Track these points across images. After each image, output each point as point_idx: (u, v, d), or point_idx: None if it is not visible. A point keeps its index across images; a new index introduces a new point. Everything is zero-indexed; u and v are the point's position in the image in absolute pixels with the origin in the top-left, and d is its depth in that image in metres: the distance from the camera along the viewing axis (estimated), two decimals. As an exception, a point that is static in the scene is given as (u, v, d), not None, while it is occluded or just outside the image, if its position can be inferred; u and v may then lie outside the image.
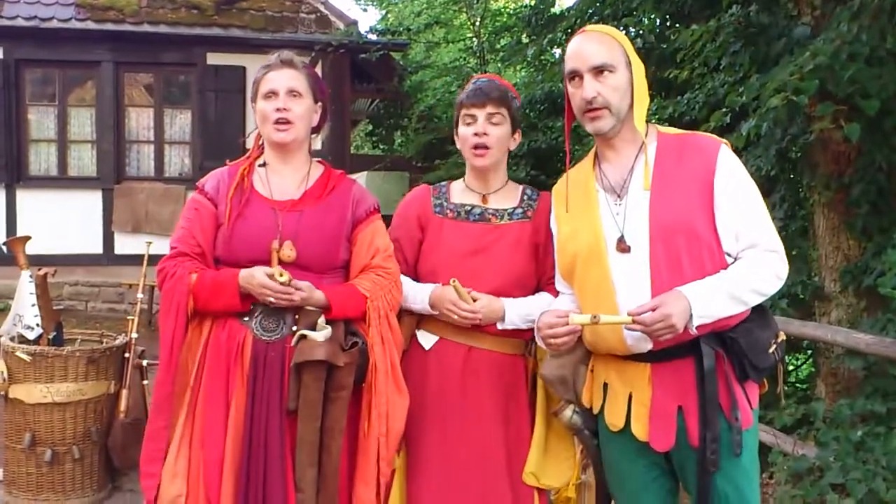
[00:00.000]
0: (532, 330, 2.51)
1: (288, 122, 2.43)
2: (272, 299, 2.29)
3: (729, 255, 2.08)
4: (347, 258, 2.49)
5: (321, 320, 2.33)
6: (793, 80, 4.14)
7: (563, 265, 2.29)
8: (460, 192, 2.65)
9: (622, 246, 2.09)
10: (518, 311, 2.50)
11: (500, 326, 2.50)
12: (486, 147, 2.54)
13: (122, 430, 4.03)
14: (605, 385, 2.22)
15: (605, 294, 2.11)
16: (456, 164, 10.55)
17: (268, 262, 2.34)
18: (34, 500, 3.98)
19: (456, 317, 2.46)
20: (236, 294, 2.32)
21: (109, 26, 9.87)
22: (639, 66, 2.17)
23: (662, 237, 2.05)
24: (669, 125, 6.79)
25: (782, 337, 2.18)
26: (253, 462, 2.30)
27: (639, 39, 7.19)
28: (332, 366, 2.29)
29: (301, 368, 2.29)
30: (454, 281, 2.44)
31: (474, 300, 2.46)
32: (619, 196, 2.15)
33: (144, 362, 4.20)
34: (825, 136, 4.99)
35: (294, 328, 2.34)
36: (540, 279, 2.58)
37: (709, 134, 2.23)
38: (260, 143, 2.58)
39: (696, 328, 1.99)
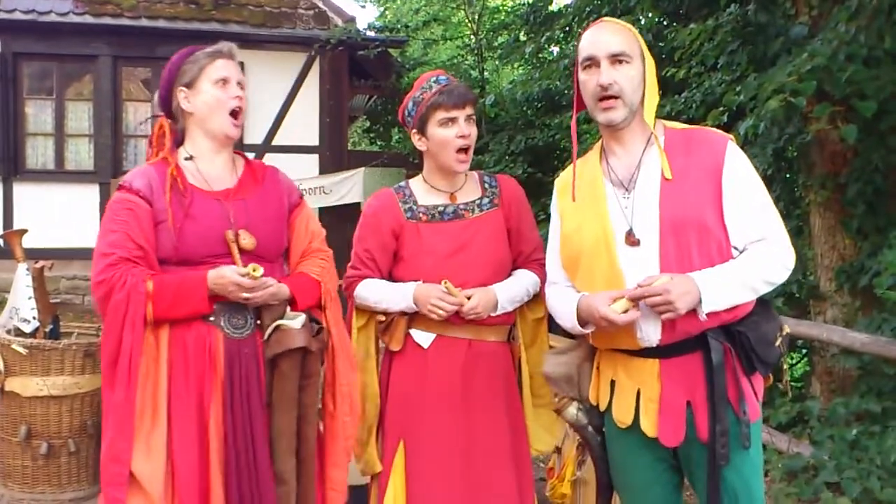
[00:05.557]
0: (511, 315, 2.59)
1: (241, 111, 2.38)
2: (246, 296, 2.20)
3: (735, 248, 2.08)
4: (287, 244, 2.47)
5: (289, 310, 2.31)
6: (790, 82, 4.14)
7: (566, 257, 2.25)
8: (426, 194, 2.63)
9: (631, 239, 2.07)
10: (507, 296, 2.53)
11: (493, 314, 2.51)
12: (469, 149, 2.54)
13: (118, 423, 4.03)
14: (613, 382, 2.20)
15: (614, 287, 2.08)
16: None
17: (223, 255, 2.26)
18: (30, 492, 3.97)
19: (442, 312, 2.44)
20: (205, 298, 2.20)
21: (107, 20, 9.84)
22: (651, 62, 2.16)
23: (673, 231, 2.04)
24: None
25: (787, 329, 2.18)
26: (242, 462, 2.23)
27: (637, 38, 7.18)
28: (304, 353, 2.29)
29: (278, 359, 2.26)
30: (446, 282, 2.43)
31: (467, 298, 2.45)
32: (626, 190, 2.13)
33: (141, 356, 4.20)
34: (822, 137, 5.01)
35: (258, 322, 2.29)
36: (515, 260, 2.63)
37: (714, 129, 2.22)
38: (161, 132, 2.45)
39: (707, 315, 1.99)
